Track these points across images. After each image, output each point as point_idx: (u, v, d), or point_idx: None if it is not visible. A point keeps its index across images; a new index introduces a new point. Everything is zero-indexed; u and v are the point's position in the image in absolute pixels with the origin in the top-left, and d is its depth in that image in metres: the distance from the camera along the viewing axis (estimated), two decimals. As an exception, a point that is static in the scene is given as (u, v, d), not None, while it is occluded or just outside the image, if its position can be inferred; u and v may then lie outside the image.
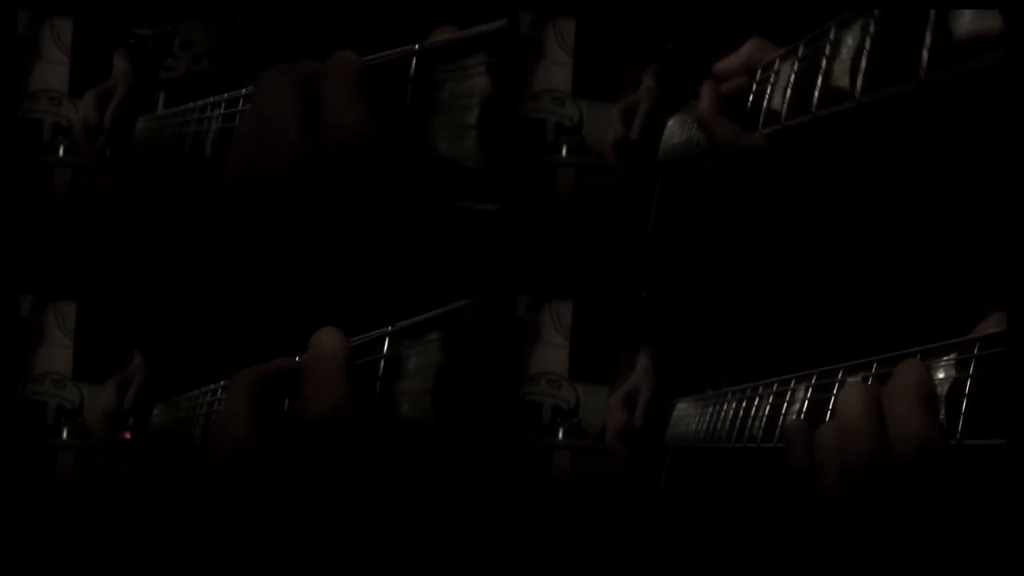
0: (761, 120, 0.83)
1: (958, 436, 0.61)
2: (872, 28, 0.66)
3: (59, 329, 1.22)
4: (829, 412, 0.74)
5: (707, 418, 1.04)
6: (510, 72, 0.59)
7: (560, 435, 1.22)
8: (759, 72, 0.86)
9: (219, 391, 0.92)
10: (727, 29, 1.13)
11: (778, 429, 0.83)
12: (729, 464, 1.03)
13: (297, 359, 0.70)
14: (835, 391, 0.74)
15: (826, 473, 0.68)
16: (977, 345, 0.61)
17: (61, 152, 1.22)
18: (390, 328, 0.66)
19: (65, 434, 1.21)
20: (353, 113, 0.64)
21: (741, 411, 0.93)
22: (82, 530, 1.19)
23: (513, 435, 1.20)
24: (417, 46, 0.64)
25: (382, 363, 0.65)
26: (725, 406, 0.98)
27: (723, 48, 0.91)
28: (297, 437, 0.66)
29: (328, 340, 0.68)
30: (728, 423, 0.96)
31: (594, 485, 1.21)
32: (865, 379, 0.71)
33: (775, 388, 0.86)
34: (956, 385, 0.62)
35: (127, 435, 1.20)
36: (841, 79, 0.70)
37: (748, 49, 0.89)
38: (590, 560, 1.18)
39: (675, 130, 1.15)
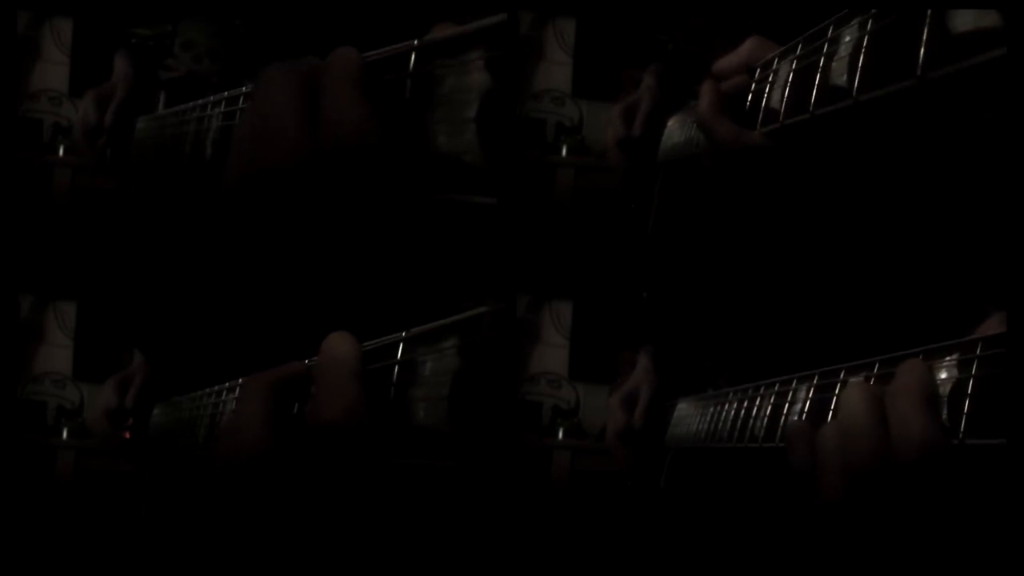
0: (760, 119, 0.83)
1: (960, 436, 0.61)
2: (870, 26, 0.66)
3: (59, 329, 1.22)
4: (831, 412, 0.74)
5: (708, 418, 1.04)
6: (509, 67, 0.59)
7: (560, 435, 1.21)
8: (758, 71, 0.86)
9: (224, 392, 0.92)
10: (727, 29, 1.13)
11: (780, 429, 0.83)
12: (730, 464, 1.03)
13: (308, 363, 0.70)
14: (837, 391, 0.74)
15: (827, 473, 0.67)
16: (979, 345, 0.61)
17: (61, 152, 1.21)
18: (404, 333, 0.65)
19: (65, 434, 1.21)
20: (354, 109, 0.64)
21: (742, 411, 0.93)
22: (82, 530, 1.18)
23: (513, 435, 1.20)
24: (416, 42, 0.64)
25: (396, 368, 0.65)
26: (726, 406, 0.98)
27: (723, 48, 0.91)
28: (308, 440, 0.65)
29: (340, 344, 0.67)
30: (729, 423, 0.96)
31: (594, 485, 1.20)
32: (867, 379, 0.71)
33: (776, 388, 0.86)
34: (958, 385, 0.62)
35: (127, 435, 1.20)
36: (839, 77, 0.70)
37: (748, 47, 0.88)
38: (590, 560, 1.17)
39: (675, 130, 1.15)
